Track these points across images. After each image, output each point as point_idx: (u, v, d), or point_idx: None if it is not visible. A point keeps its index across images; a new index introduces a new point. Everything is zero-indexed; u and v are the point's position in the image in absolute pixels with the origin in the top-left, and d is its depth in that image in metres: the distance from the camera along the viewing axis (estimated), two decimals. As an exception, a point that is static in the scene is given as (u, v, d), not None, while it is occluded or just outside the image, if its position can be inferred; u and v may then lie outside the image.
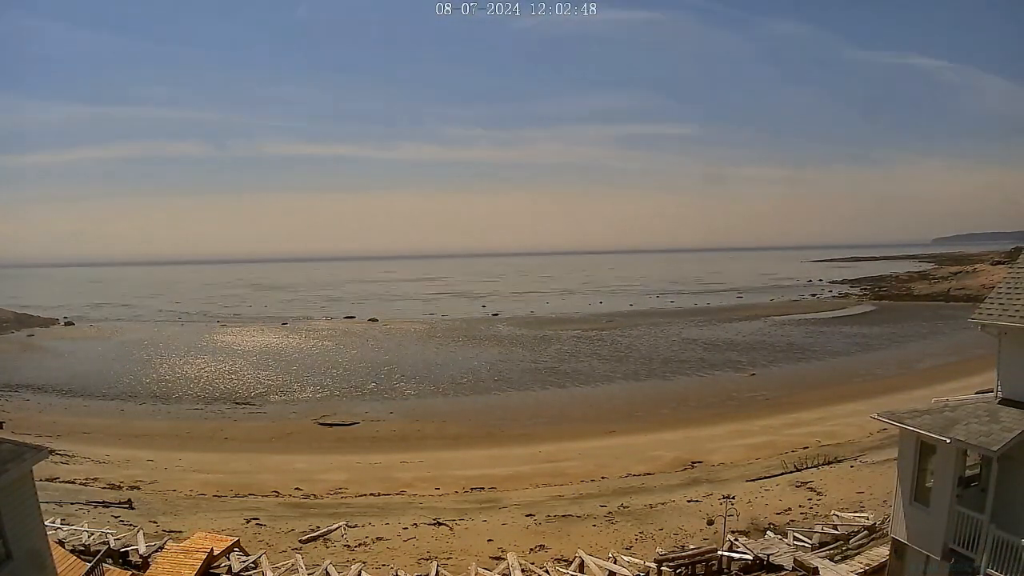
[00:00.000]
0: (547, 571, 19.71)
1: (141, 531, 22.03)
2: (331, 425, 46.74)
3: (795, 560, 18.08)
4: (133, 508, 27.65)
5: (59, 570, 13.90)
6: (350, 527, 24.76)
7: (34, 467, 12.17)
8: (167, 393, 57.29)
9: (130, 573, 17.92)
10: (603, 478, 33.63)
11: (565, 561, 20.87)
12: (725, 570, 18.79)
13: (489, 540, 23.54)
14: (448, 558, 21.59)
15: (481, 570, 19.60)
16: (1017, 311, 13.04)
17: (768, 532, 21.67)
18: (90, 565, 15.72)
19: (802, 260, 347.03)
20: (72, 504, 26.89)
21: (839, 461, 32.34)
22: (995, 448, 11.54)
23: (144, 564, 18.76)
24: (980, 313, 13.90)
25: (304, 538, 23.48)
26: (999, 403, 13.23)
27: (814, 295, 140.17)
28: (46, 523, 14.26)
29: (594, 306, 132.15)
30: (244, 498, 30.84)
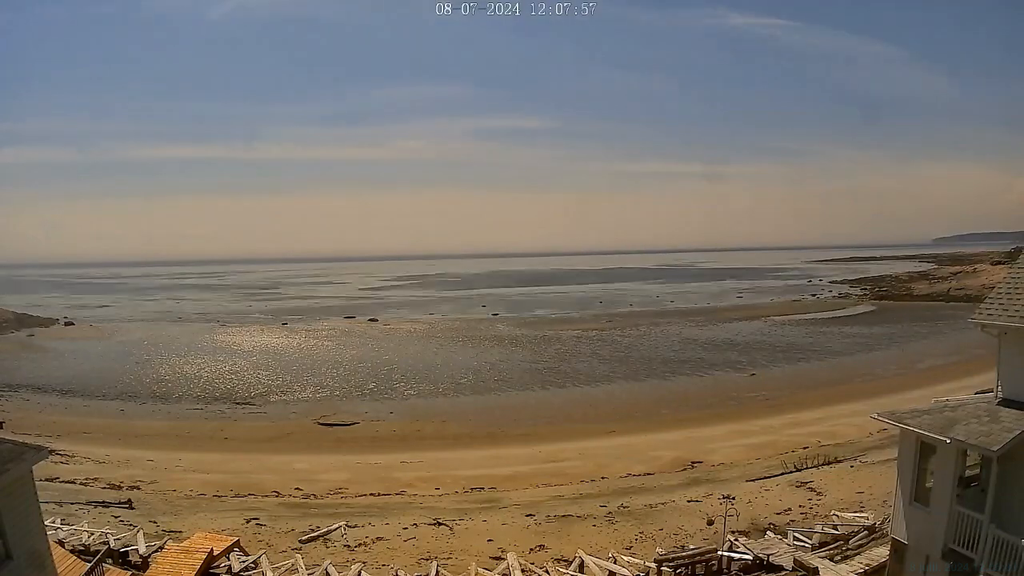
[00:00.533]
0: (547, 571, 19.70)
1: (141, 531, 22.01)
2: (331, 425, 46.75)
3: (795, 560, 18.08)
4: (133, 508, 27.65)
5: (59, 570, 13.89)
6: (350, 527, 24.75)
7: (34, 467, 12.17)
8: (167, 393, 57.30)
9: (130, 573, 17.92)
10: (603, 478, 33.65)
11: (565, 561, 20.85)
12: (725, 570, 18.78)
13: (489, 540, 23.52)
14: (448, 558, 21.58)
15: (481, 570, 19.58)
16: (1017, 311, 13.03)
17: (768, 532, 21.64)
18: (90, 565, 15.73)
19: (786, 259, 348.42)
20: (72, 504, 26.89)
21: (839, 461, 32.32)
22: (995, 448, 11.53)
23: (144, 564, 18.77)
24: (980, 313, 13.88)
25: (304, 538, 23.47)
26: (999, 403, 13.21)
27: (814, 295, 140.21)
28: (46, 523, 14.27)
29: (594, 306, 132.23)
30: (244, 498, 30.85)
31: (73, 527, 22.18)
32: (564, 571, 19.74)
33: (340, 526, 24.69)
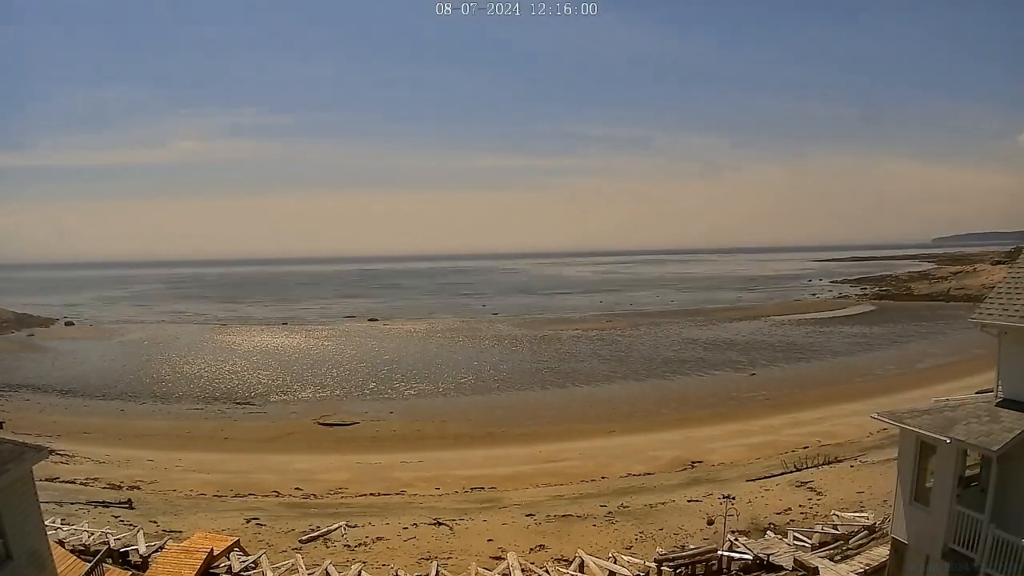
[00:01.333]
0: (547, 571, 19.71)
1: (141, 531, 22.02)
2: (331, 425, 46.75)
3: (795, 560, 18.10)
4: (133, 508, 27.67)
5: (59, 570, 13.90)
6: (350, 527, 24.76)
7: (34, 467, 12.17)
8: (167, 393, 57.29)
9: (130, 573, 17.94)
10: (603, 478, 33.66)
11: (565, 561, 20.86)
12: (725, 570, 18.79)
13: (489, 540, 23.53)
14: (448, 558, 21.59)
15: (481, 570, 19.59)
16: (1017, 311, 13.04)
17: (768, 532, 21.65)
18: (90, 565, 15.74)
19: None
20: (72, 504, 26.90)
21: (839, 461, 32.35)
22: (995, 448, 11.54)
23: (144, 564, 18.78)
24: (980, 313, 13.89)
25: (304, 538, 23.48)
26: (999, 403, 13.22)
27: (814, 295, 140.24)
28: (46, 523, 14.26)
29: (594, 306, 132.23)
30: (244, 498, 30.86)
31: (73, 527, 22.18)
32: (564, 571, 19.75)
33: (340, 526, 24.70)
